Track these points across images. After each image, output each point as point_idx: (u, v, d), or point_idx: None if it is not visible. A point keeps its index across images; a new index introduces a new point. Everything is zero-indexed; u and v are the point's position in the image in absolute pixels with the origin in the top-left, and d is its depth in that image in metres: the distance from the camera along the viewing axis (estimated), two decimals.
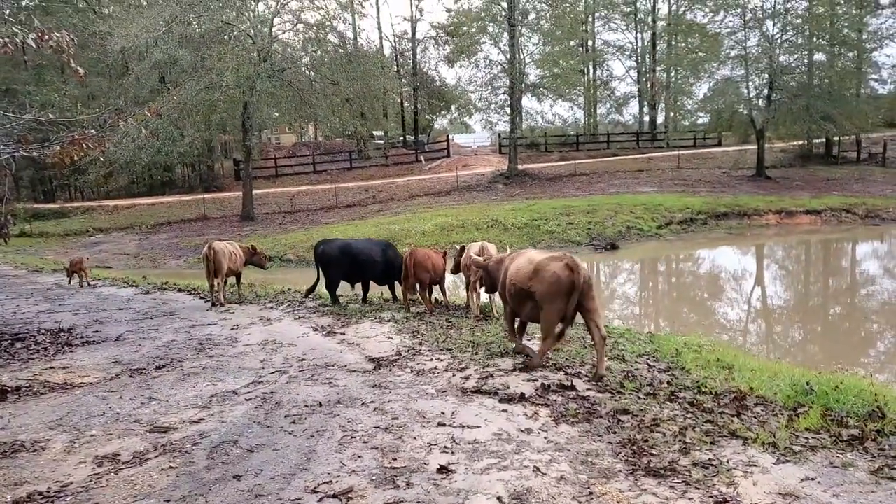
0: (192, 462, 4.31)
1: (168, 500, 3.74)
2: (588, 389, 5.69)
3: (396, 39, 50.94)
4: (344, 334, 8.46)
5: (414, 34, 49.20)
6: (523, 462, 4.19)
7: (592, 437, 4.60)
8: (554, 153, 46.38)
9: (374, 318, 9.37)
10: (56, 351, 8.06)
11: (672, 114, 47.81)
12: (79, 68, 7.39)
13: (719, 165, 37.65)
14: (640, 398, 5.41)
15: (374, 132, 46.54)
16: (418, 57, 49.67)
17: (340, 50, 31.12)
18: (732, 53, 35.34)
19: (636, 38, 52.63)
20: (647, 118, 53.92)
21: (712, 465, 4.05)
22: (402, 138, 51.95)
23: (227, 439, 4.71)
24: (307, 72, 30.29)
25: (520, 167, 36.33)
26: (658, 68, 49.14)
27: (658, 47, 49.98)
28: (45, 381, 6.54)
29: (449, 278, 10.90)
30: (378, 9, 59.99)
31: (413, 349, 7.39)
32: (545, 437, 4.62)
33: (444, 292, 10.57)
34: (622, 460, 4.19)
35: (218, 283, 11.00)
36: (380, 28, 49.82)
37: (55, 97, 33.91)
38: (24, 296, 13.15)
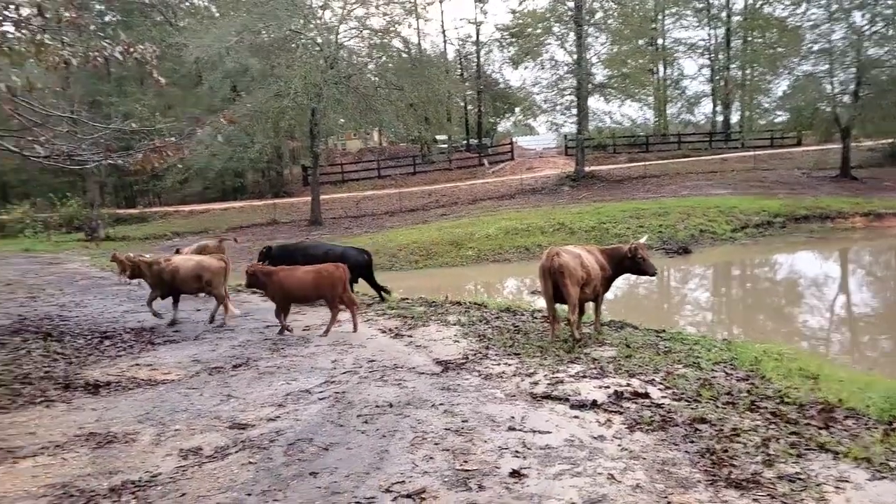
0: (270, 458, 4.44)
1: (249, 494, 3.87)
2: (663, 397, 5.55)
3: (460, 43, 51.13)
4: (411, 337, 8.54)
5: (478, 37, 49.26)
6: (597, 469, 4.13)
7: (668, 445, 4.49)
8: (622, 154, 45.44)
9: (439, 322, 9.42)
10: (141, 349, 8.47)
11: (747, 113, 46.04)
12: (160, 78, 7.75)
13: (798, 166, 35.95)
14: (718, 407, 5.24)
15: (438, 136, 46.85)
16: (482, 59, 49.70)
17: (405, 55, 31.51)
18: (815, 48, 33.54)
19: (709, 35, 50.93)
20: (720, 118, 52.17)
21: (800, 478, 3.88)
22: (465, 142, 52.08)
23: (303, 437, 4.83)
24: (372, 77, 30.79)
25: (586, 169, 35.77)
26: (732, 66, 47.39)
27: (733, 44, 48.23)
28: (132, 378, 6.89)
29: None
30: (442, 12, 60.49)
31: (480, 353, 7.39)
32: (619, 445, 4.53)
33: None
34: (701, 470, 4.07)
35: None
36: (443, 31, 49.83)
37: (136, 107, 35.72)
38: (110, 296, 13.84)
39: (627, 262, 7.95)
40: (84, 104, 12.93)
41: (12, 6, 6.65)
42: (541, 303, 12.54)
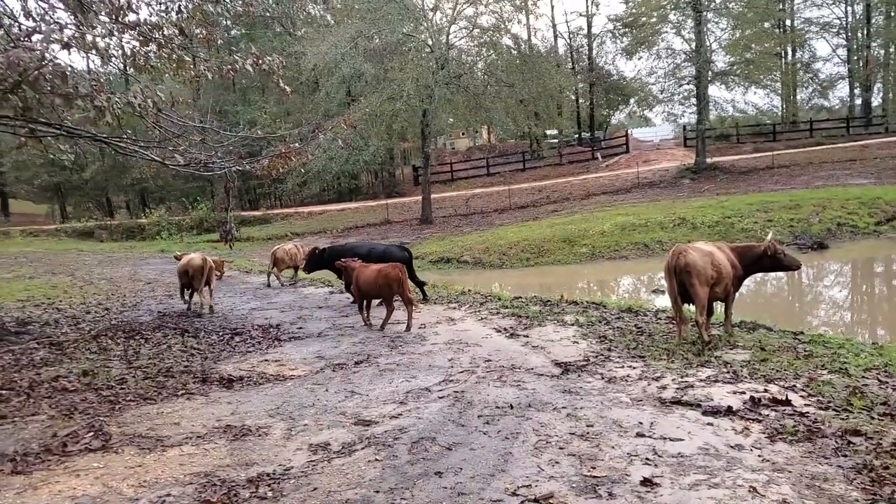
0: (395, 456, 4.50)
1: (377, 492, 3.93)
2: (806, 405, 5.10)
3: (571, 36, 50.20)
4: (527, 337, 8.41)
5: (590, 29, 48.25)
6: (736, 480, 3.85)
7: (817, 458, 4.11)
8: (746, 144, 42.85)
9: (556, 321, 9.22)
10: (268, 345, 8.90)
11: (891, 95, 42.04)
12: (286, 87, 8.13)
13: None
14: (873, 418, 4.74)
15: (548, 131, 46.29)
16: (594, 52, 48.55)
17: (514, 52, 31.32)
18: None
19: (845, 13, 47.00)
20: (857, 101, 47.94)
21: None
22: (577, 136, 51.09)
23: (426, 435, 4.86)
24: (481, 76, 30.85)
25: (708, 161, 34.03)
26: (873, 44, 43.46)
27: (873, 20, 44.19)
28: (262, 373, 7.25)
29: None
30: (552, 7, 59.67)
31: (602, 355, 7.14)
32: (759, 455, 4.21)
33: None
34: (858, 488, 3.69)
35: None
36: (554, 26, 49.12)
37: (258, 115, 37.92)
38: (238, 294, 14.71)
39: (767, 262, 7.55)
40: (213, 115, 13.81)
41: (156, 30, 7.18)
42: (662, 302, 12.07)
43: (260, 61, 7.33)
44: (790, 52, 48.13)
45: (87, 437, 5.17)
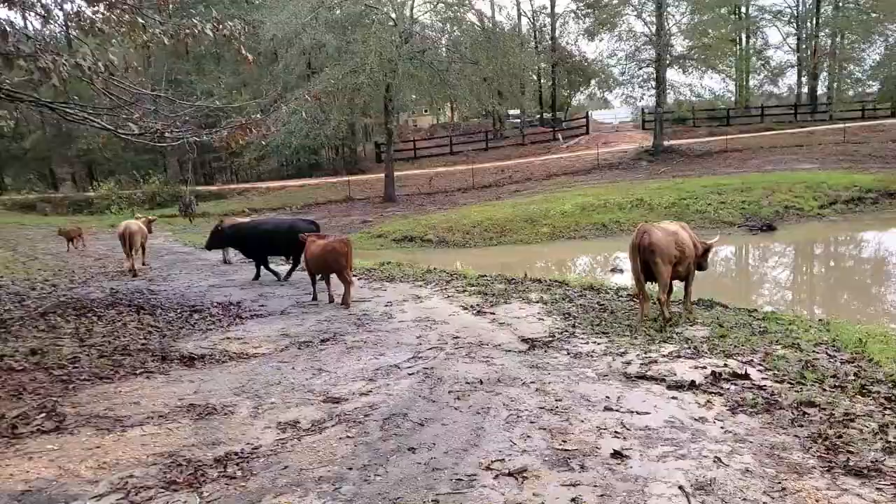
0: (367, 433, 4.45)
1: (350, 469, 3.88)
2: (763, 379, 5.28)
3: (534, 15, 50.01)
4: (494, 314, 8.42)
5: (553, 8, 47.99)
6: (702, 451, 3.97)
7: (776, 429, 4.26)
8: (702, 128, 43.67)
9: (521, 299, 9.26)
10: (229, 323, 8.68)
11: (836, 84, 43.23)
12: (248, 55, 7.83)
13: (894, 139, 33.59)
14: (825, 390, 4.94)
15: (511, 111, 46.21)
16: (557, 32, 48.47)
17: (478, 28, 31.06)
18: None
19: (797, 2, 47.98)
20: (804, 89, 49.23)
21: None
22: (538, 116, 51.17)
23: (397, 412, 4.82)
24: (446, 52, 30.53)
25: (665, 143, 34.54)
26: (822, 33, 44.52)
27: (822, 10, 45.24)
28: (224, 351, 7.07)
29: None
30: None
31: (566, 331, 7.21)
32: (722, 427, 4.34)
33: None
34: (814, 456, 3.86)
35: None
36: (518, 4, 48.81)
37: (213, 86, 36.76)
38: (195, 271, 14.34)
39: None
40: (167, 83, 13.31)
41: None
42: (620, 280, 12.26)
43: (220, 26, 7.03)
44: (744, 39, 49.02)
45: (39, 418, 4.95)
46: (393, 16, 29.18)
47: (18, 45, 5.62)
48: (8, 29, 5.58)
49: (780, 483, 3.53)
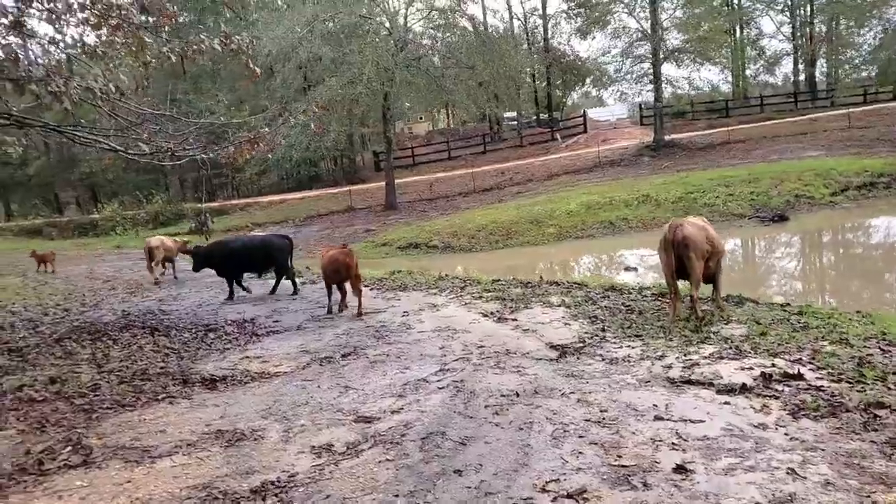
0: (406, 454, 4.23)
1: (396, 496, 3.66)
2: (819, 378, 5.02)
3: (526, 16, 49.93)
4: (516, 320, 8.21)
5: (544, 9, 47.91)
6: (770, 462, 3.72)
7: (848, 434, 4.00)
8: (701, 121, 43.47)
9: (542, 303, 9.04)
10: (246, 341, 8.47)
11: (836, 69, 43.03)
12: (256, 68, 7.68)
13: None
14: (890, 389, 4.67)
15: (507, 113, 46.05)
16: (549, 32, 48.38)
17: (470, 30, 30.94)
18: None
19: None
20: (801, 76, 49.08)
21: None
22: (535, 117, 51.03)
23: (434, 430, 4.60)
24: (438, 60, 30.38)
25: (666, 138, 34.36)
26: (816, 19, 44.40)
27: None
28: (245, 371, 6.85)
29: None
30: None
31: (596, 336, 6.99)
32: (786, 434, 4.09)
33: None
34: None
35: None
36: (509, 6, 48.73)
37: (210, 104, 36.66)
38: (205, 288, 14.12)
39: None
40: (171, 103, 13.17)
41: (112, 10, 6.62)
42: (638, 279, 12.03)
43: (228, 40, 6.86)
44: (738, 30, 48.91)
45: (66, 452, 4.74)
46: (387, 25, 29.05)
47: (29, 70, 5.46)
48: (21, 54, 5.41)
49: (868, 497, 3.27)
